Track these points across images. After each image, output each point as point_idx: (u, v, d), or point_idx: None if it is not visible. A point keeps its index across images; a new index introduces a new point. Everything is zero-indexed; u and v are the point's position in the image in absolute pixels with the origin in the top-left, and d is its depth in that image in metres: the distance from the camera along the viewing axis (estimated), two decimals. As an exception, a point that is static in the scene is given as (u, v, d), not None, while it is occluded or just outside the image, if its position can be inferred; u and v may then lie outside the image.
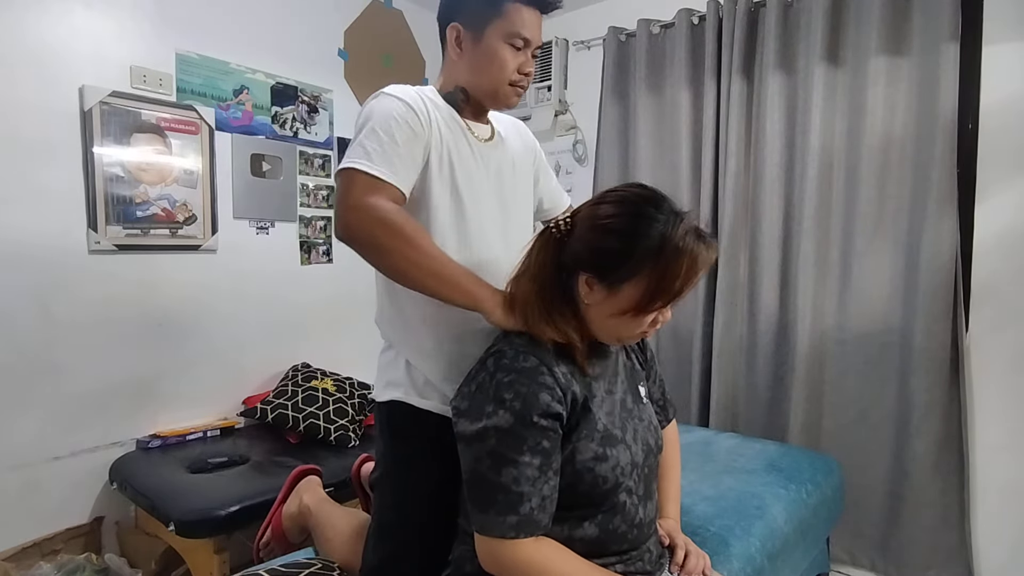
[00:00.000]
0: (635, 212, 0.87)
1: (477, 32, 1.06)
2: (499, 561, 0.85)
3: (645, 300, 0.86)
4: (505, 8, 1.04)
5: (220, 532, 1.65)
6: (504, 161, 1.16)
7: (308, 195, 2.53)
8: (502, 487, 0.82)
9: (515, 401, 0.83)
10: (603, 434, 0.90)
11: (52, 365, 1.87)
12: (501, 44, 1.05)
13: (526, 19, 1.05)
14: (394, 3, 2.82)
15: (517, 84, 1.09)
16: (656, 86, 2.61)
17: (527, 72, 1.09)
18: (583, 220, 0.91)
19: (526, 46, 1.07)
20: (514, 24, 1.05)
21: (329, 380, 2.34)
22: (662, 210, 0.87)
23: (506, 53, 1.06)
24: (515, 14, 1.04)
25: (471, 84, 1.09)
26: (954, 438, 1.97)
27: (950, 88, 1.90)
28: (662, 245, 0.84)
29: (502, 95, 1.10)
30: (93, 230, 1.92)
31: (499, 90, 1.09)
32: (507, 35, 1.05)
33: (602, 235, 0.88)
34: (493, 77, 1.07)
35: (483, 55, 1.06)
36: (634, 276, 0.85)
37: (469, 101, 1.11)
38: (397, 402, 1.07)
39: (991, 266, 1.94)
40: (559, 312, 0.91)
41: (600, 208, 0.90)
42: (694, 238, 0.85)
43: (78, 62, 1.89)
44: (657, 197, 0.89)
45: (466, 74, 1.09)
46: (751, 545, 1.32)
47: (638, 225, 0.85)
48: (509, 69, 1.06)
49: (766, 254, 2.29)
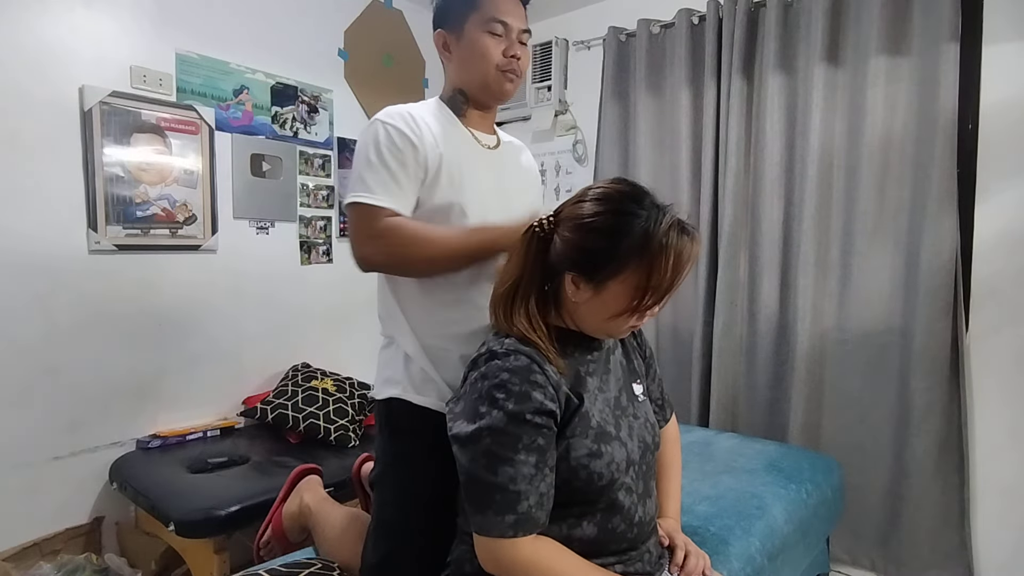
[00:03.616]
0: (617, 209, 0.87)
1: (459, 30, 1.11)
2: (499, 561, 0.85)
3: (634, 298, 0.86)
4: (479, 0, 1.09)
5: (220, 532, 1.65)
6: (509, 165, 1.20)
7: (308, 195, 2.53)
8: (499, 486, 0.82)
9: (508, 400, 0.83)
10: (596, 431, 0.90)
11: (52, 365, 1.87)
12: (480, 33, 1.09)
13: (501, 5, 1.09)
14: (394, 3, 2.82)
15: (506, 70, 1.11)
16: (656, 86, 2.61)
17: (514, 55, 1.10)
18: (566, 219, 0.91)
19: (507, 31, 1.10)
20: (488, 11, 1.09)
21: (329, 380, 2.34)
22: (643, 205, 0.87)
23: (487, 40, 1.09)
24: (489, 3, 1.09)
25: (464, 81, 1.13)
26: (954, 438, 1.97)
27: (950, 88, 1.90)
28: (645, 241, 0.84)
29: (493, 83, 1.11)
30: (93, 230, 1.92)
31: (488, 78, 1.11)
32: (484, 22, 1.09)
33: (585, 234, 0.88)
34: (479, 67, 1.10)
35: (466, 49, 1.10)
36: (619, 274, 0.86)
37: (468, 102, 1.14)
38: (396, 399, 1.08)
39: (991, 266, 1.94)
40: (540, 309, 0.92)
41: (582, 206, 0.90)
42: (677, 232, 0.85)
43: (78, 62, 1.89)
44: (639, 192, 0.89)
45: (458, 73, 1.14)
46: (751, 545, 1.32)
47: (620, 222, 0.86)
48: (492, 55, 1.09)
49: (766, 254, 2.29)
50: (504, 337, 0.91)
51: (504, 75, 1.11)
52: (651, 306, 0.88)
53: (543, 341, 0.89)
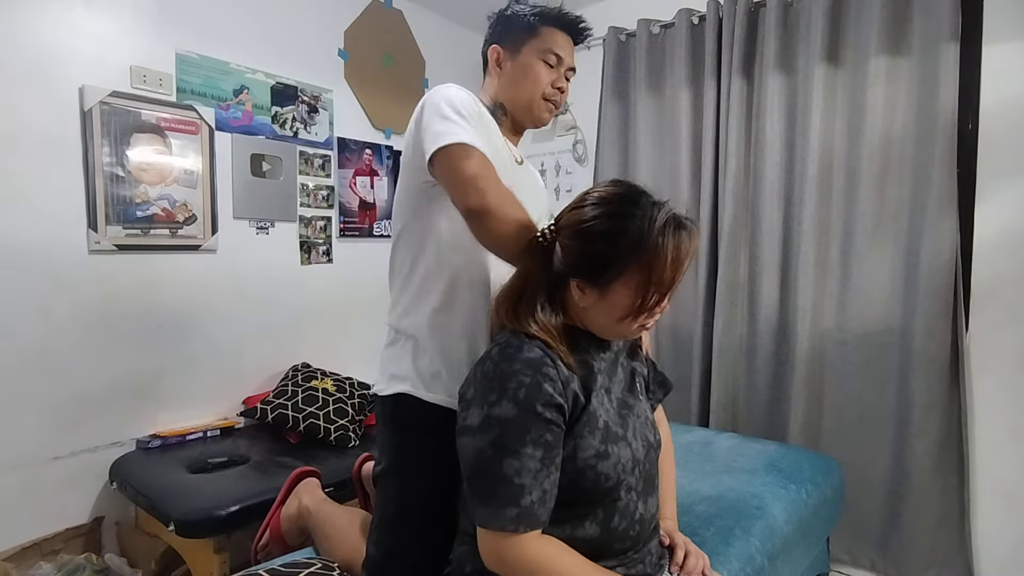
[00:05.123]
0: (614, 212, 0.88)
1: (515, 51, 1.19)
2: (502, 558, 0.84)
3: (638, 296, 0.87)
4: (540, 30, 1.18)
5: (220, 532, 1.65)
6: (526, 183, 1.24)
7: (308, 195, 2.53)
8: (504, 478, 0.82)
9: (519, 391, 0.84)
10: (604, 431, 0.91)
11: (52, 365, 1.87)
12: (536, 60, 1.18)
13: (559, 40, 1.19)
14: (394, 3, 2.82)
15: (550, 99, 1.20)
16: (656, 86, 2.61)
17: (560, 88, 1.20)
18: (565, 227, 0.92)
19: (559, 63, 1.19)
20: (547, 42, 1.17)
21: (329, 380, 2.34)
22: (639, 205, 0.88)
23: (540, 68, 1.18)
24: (549, 35, 1.18)
25: (509, 98, 1.20)
26: (954, 438, 1.97)
27: (950, 88, 1.90)
28: (643, 240, 0.85)
29: (536, 108, 1.20)
30: (93, 230, 1.92)
31: (534, 103, 1.19)
32: (541, 52, 1.17)
33: (584, 240, 0.89)
34: (528, 89, 1.18)
35: (519, 70, 1.18)
36: (622, 275, 0.87)
37: (507, 116, 1.21)
38: (403, 395, 1.09)
39: (991, 266, 1.94)
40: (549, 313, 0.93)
41: (580, 212, 0.91)
42: (673, 228, 0.86)
43: (78, 62, 1.88)
44: (634, 192, 0.91)
45: (505, 89, 1.20)
46: (751, 545, 1.32)
47: (617, 224, 0.87)
48: (543, 82, 1.18)
49: (766, 254, 2.29)
50: (517, 333, 0.92)
51: (546, 103, 1.20)
52: (657, 303, 0.89)
53: (554, 340, 0.90)
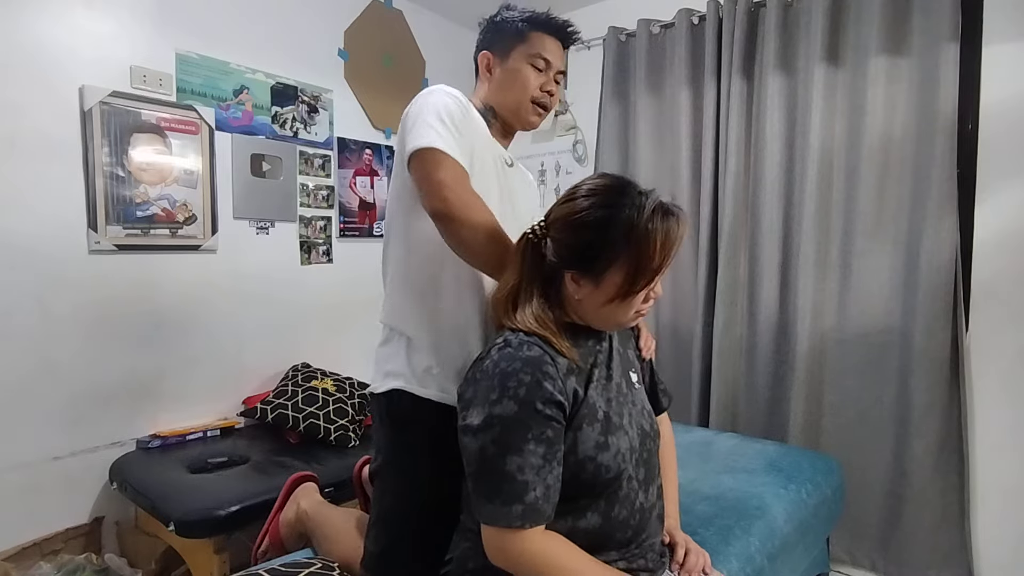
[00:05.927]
0: (602, 203, 0.90)
1: (504, 56, 1.21)
2: (507, 553, 0.85)
3: (628, 283, 0.89)
4: (529, 35, 1.20)
5: (220, 532, 1.65)
6: (517, 183, 1.26)
7: (308, 195, 2.53)
8: (507, 475, 0.83)
9: (520, 389, 0.84)
10: (603, 422, 0.92)
11: (52, 365, 1.87)
12: (524, 64, 1.20)
13: (547, 44, 1.20)
14: (394, 3, 2.82)
15: (538, 102, 1.22)
16: (656, 86, 2.61)
17: (548, 91, 1.22)
18: (555, 221, 0.94)
19: (548, 67, 1.21)
20: (535, 47, 1.20)
21: (329, 380, 2.34)
22: (628, 195, 0.90)
23: (529, 72, 1.20)
24: (537, 40, 1.20)
25: (498, 102, 1.22)
26: (954, 438, 1.97)
27: (950, 88, 1.90)
28: (631, 228, 0.88)
29: (524, 111, 1.21)
30: (93, 230, 1.92)
31: (522, 106, 1.21)
32: (530, 56, 1.20)
33: (575, 231, 0.91)
34: (517, 93, 1.20)
35: (509, 74, 1.21)
36: (613, 264, 0.89)
37: (496, 119, 1.23)
38: (397, 391, 1.09)
39: (991, 266, 1.94)
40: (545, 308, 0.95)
41: (570, 205, 0.93)
42: (661, 215, 0.89)
43: (78, 62, 1.88)
44: (621, 183, 0.93)
45: (494, 93, 1.22)
46: (751, 545, 1.32)
47: (605, 215, 0.89)
48: (531, 86, 1.20)
49: (766, 254, 2.29)
50: (516, 331, 0.93)
51: (535, 107, 1.22)
52: (647, 287, 0.91)
53: (554, 335, 0.91)
